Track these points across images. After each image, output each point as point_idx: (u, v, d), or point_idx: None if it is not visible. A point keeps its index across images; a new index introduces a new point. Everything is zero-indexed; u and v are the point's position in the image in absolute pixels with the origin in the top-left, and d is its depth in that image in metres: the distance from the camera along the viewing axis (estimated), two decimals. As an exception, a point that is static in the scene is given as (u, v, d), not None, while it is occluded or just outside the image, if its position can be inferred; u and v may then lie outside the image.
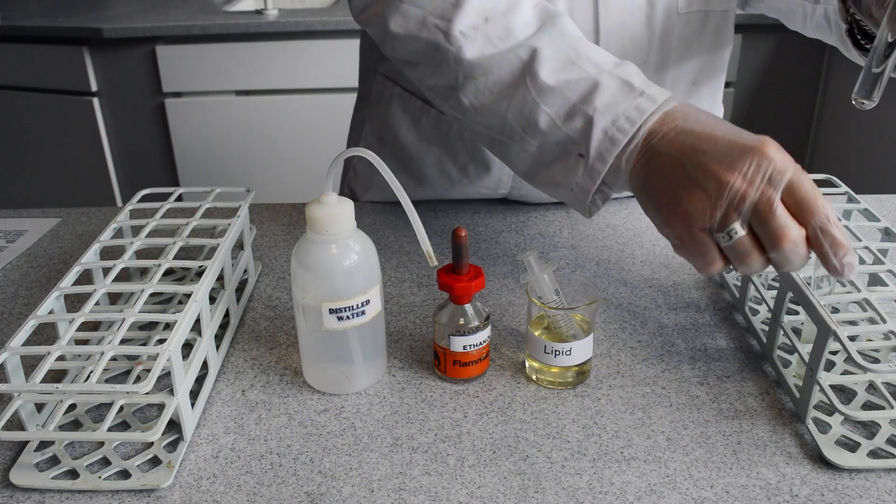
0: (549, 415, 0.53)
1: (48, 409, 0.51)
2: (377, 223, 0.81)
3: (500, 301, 0.66)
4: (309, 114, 1.98)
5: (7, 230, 0.81)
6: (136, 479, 0.47)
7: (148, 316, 0.51)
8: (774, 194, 0.46)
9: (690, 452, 0.49)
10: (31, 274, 0.73)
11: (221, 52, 1.93)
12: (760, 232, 0.47)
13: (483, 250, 0.75)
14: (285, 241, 0.78)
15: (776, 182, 0.46)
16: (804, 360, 0.51)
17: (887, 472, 0.47)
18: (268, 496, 0.46)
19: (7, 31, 1.94)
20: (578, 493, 0.46)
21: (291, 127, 2.02)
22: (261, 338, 0.62)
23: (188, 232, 0.61)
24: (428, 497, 0.46)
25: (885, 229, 0.62)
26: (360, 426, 0.52)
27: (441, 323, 0.54)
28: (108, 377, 0.56)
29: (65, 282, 0.55)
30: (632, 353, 0.59)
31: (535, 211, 0.83)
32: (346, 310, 0.52)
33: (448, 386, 0.56)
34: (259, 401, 0.55)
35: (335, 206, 0.50)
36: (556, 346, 0.53)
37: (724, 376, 0.56)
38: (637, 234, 0.77)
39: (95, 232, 0.80)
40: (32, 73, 2.00)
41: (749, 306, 0.63)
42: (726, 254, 0.49)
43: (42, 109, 2.04)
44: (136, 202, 0.66)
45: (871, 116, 1.84)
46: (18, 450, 0.50)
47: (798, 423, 0.52)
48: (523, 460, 0.49)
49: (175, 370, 0.48)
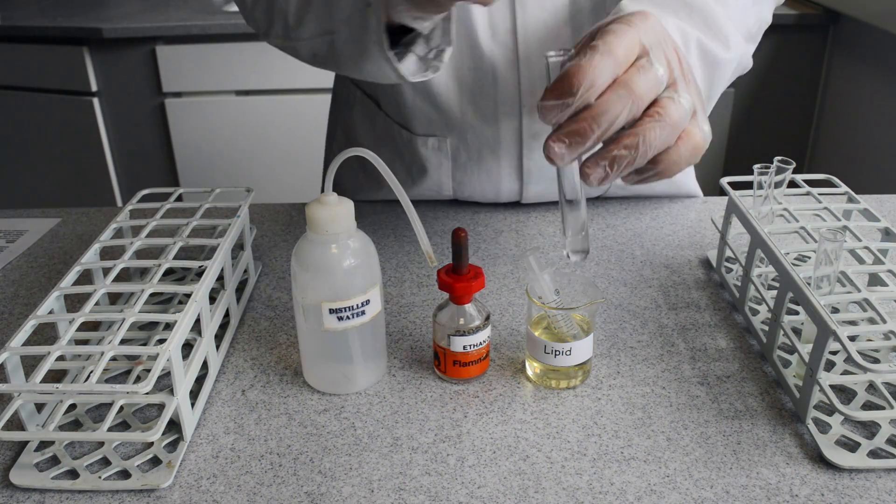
0: (549, 415, 0.53)
1: (48, 409, 0.51)
2: (377, 223, 0.81)
3: (500, 301, 0.66)
4: (309, 114, 1.98)
5: (7, 230, 0.81)
6: (136, 479, 0.47)
7: (148, 316, 0.51)
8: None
9: (690, 452, 0.49)
10: (31, 274, 0.73)
11: (221, 52, 1.93)
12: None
13: (483, 250, 0.75)
14: (285, 241, 0.78)
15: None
16: (804, 360, 0.51)
17: (887, 472, 0.47)
18: (268, 496, 0.46)
19: (7, 31, 1.94)
20: (578, 493, 0.46)
21: (291, 127, 2.02)
22: (261, 338, 0.62)
23: (188, 232, 0.61)
24: (428, 497, 0.46)
25: (885, 229, 0.62)
26: (360, 426, 0.52)
27: (441, 323, 0.54)
28: (108, 377, 0.56)
29: (65, 282, 0.55)
30: (632, 353, 0.59)
31: (535, 211, 0.83)
32: (346, 310, 0.52)
33: (448, 386, 0.56)
34: (259, 401, 0.55)
35: (335, 206, 0.50)
36: (556, 346, 0.53)
37: (724, 376, 0.56)
38: (637, 234, 0.77)
39: (95, 232, 0.80)
40: (32, 73, 2.00)
41: (749, 306, 0.63)
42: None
43: (42, 109, 2.04)
44: (136, 202, 0.66)
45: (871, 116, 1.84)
46: (18, 450, 0.50)
47: (798, 423, 0.52)
48: (523, 460, 0.49)
49: (175, 370, 0.48)
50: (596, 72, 0.43)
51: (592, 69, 0.43)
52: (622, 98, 0.44)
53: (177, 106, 2.00)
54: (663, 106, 0.45)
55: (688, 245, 0.75)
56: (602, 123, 0.44)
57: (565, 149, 0.44)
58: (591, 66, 0.43)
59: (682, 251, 0.74)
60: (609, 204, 0.84)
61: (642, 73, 0.45)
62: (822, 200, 0.65)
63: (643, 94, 0.44)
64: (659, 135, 0.44)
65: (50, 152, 2.11)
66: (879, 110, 1.80)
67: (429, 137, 0.79)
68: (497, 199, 0.82)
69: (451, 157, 0.79)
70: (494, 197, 0.82)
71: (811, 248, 0.58)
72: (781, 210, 0.63)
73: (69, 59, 1.94)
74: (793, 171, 0.60)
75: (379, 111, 0.82)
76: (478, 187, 0.81)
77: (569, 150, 0.44)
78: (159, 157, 2.08)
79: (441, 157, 0.79)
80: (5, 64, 2.01)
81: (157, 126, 2.04)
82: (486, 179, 0.80)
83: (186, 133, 2.03)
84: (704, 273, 0.70)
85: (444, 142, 0.78)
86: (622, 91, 0.44)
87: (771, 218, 0.61)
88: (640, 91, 0.44)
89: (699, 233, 0.78)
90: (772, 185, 0.60)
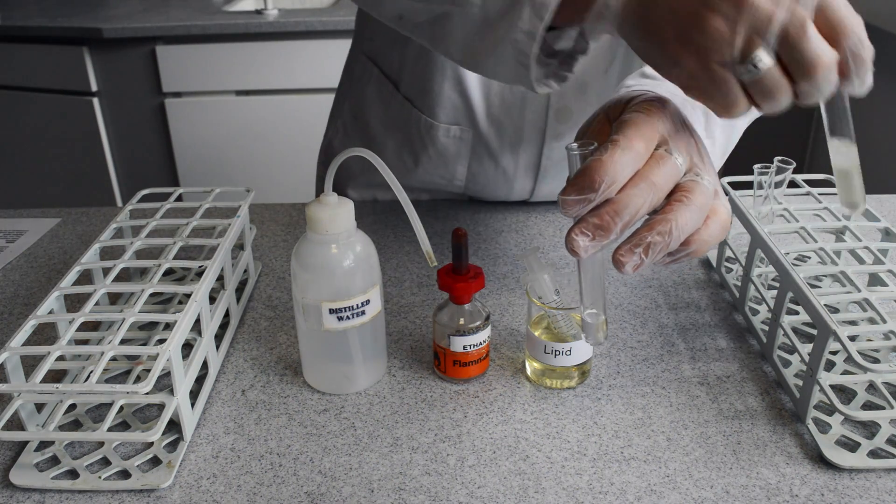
0: (549, 415, 0.53)
1: (48, 409, 0.51)
2: (377, 223, 0.81)
3: (500, 301, 0.66)
4: (309, 114, 1.98)
5: (7, 230, 0.81)
6: (136, 479, 0.47)
7: (148, 316, 0.51)
8: (806, 13, 0.39)
9: (690, 452, 0.49)
10: (31, 274, 0.73)
11: (221, 52, 1.93)
12: (789, 59, 0.40)
13: (483, 250, 0.75)
14: (285, 241, 0.78)
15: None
16: (804, 360, 0.51)
17: (887, 472, 0.47)
18: (268, 496, 0.46)
19: (7, 31, 1.94)
20: (578, 493, 0.46)
21: (291, 127, 2.02)
22: (261, 338, 0.62)
23: (188, 232, 0.61)
24: (428, 497, 0.46)
25: (885, 229, 0.62)
26: (360, 426, 0.52)
27: (441, 323, 0.54)
28: (108, 377, 0.56)
29: (65, 282, 0.55)
30: (632, 353, 0.59)
31: (535, 211, 0.83)
32: (346, 310, 0.52)
33: (448, 386, 0.56)
34: (259, 401, 0.55)
35: (335, 206, 0.50)
36: (556, 346, 0.53)
37: (724, 376, 0.56)
38: (637, 234, 0.77)
39: (95, 232, 0.80)
40: (32, 73, 2.00)
41: (749, 306, 0.63)
42: (750, 90, 0.42)
43: (42, 109, 2.04)
44: (136, 202, 0.66)
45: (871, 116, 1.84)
46: (18, 450, 0.50)
47: (798, 423, 0.52)
48: (523, 460, 0.49)
49: (175, 370, 0.48)
50: (617, 167, 0.43)
51: (614, 165, 0.43)
52: (643, 192, 0.44)
53: (177, 106, 2.00)
54: (689, 189, 0.45)
55: (688, 245, 0.75)
56: (624, 217, 0.44)
57: (589, 242, 0.45)
58: (613, 163, 0.43)
59: (682, 251, 0.74)
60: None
61: (662, 164, 0.45)
62: (822, 200, 0.65)
63: (663, 185, 0.45)
64: (689, 217, 0.44)
65: (50, 152, 2.11)
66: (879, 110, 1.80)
67: (451, 126, 0.78)
68: (508, 196, 0.82)
69: (471, 148, 0.79)
70: (505, 194, 0.82)
71: (811, 248, 0.58)
72: (781, 210, 0.63)
73: (69, 59, 1.94)
74: (793, 171, 0.60)
75: (396, 93, 0.80)
76: (491, 181, 0.81)
77: (592, 244, 0.45)
78: (159, 157, 2.08)
79: (461, 146, 0.79)
80: (5, 64, 2.01)
81: (157, 126, 2.04)
82: (501, 174, 0.80)
83: (186, 133, 2.03)
84: (704, 273, 0.70)
85: (466, 132, 0.78)
86: (643, 184, 0.44)
87: (771, 218, 0.61)
88: (660, 183, 0.44)
89: (699, 233, 0.77)
90: (772, 185, 0.60)
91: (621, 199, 0.44)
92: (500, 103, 0.75)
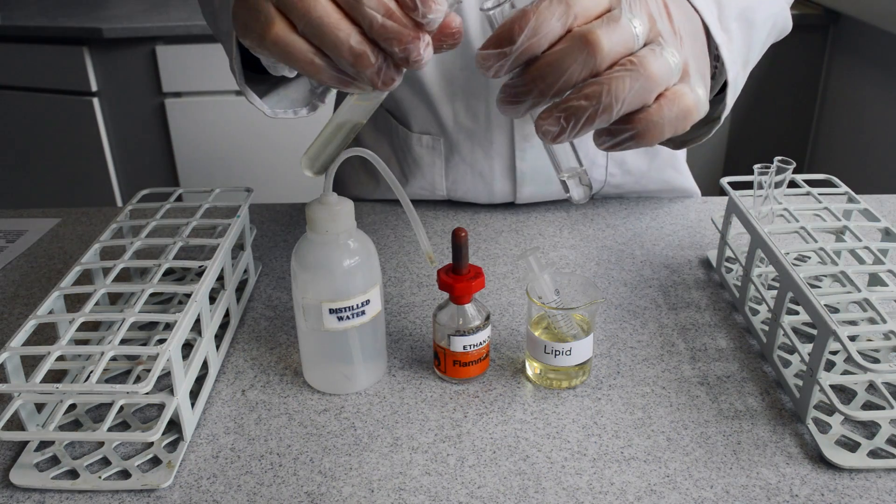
0: (549, 415, 0.53)
1: (48, 409, 0.51)
2: (377, 223, 0.81)
3: (500, 301, 0.66)
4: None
5: (7, 230, 0.81)
6: (136, 479, 0.47)
7: (148, 316, 0.51)
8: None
9: (690, 452, 0.49)
10: (31, 274, 0.73)
11: (221, 52, 1.92)
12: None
13: (483, 250, 0.75)
14: (285, 241, 0.78)
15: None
16: (804, 360, 0.51)
17: (887, 472, 0.47)
18: (268, 496, 0.46)
19: (7, 31, 1.94)
20: (578, 493, 0.46)
21: (291, 127, 2.02)
22: (261, 338, 0.62)
23: (188, 232, 0.61)
24: (428, 497, 0.46)
25: (885, 229, 0.62)
26: (360, 426, 0.52)
27: (441, 323, 0.54)
28: (108, 377, 0.56)
29: (65, 282, 0.55)
30: (632, 353, 0.59)
31: (535, 211, 0.83)
32: (346, 310, 0.52)
33: (448, 386, 0.56)
34: (259, 401, 0.55)
35: (335, 206, 0.50)
36: (556, 346, 0.53)
37: (724, 376, 0.56)
38: (637, 234, 0.77)
39: (95, 232, 0.80)
40: (32, 73, 2.00)
41: (749, 306, 0.63)
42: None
43: (42, 109, 2.04)
44: (136, 202, 0.66)
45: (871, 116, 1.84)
46: (18, 450, 0.50)
47: (798, 423, 0.52)
48: (523, 460, 0.49)
49: (175, 370, 0.48)
50: (540, 18, 0.37)
51: (538, 15, 0.37)
52: (574, 51, 0.37)
53: (177, 106, 2.00)
54: (639, 56, 0.38)
55: (688, 245, 0.75)
56: (548, 77, 0.38)
57: (508, 106, 0.40)
58: (537, 13, 0.37)
59: (682, 251, 0.74)
60: (609, 204, 0.84)
61: (607, 23, 0.38)
62: (822, 200, 0.65)
63: (606, 47, 0.37)
64: (630, 86, 0.38)
65: (50, 152, 2.11)
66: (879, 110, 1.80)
67: (423, 135, 0.79)
68: (491, 199, 0.82)
69: (444, 156, 0.79)
70: (488, 198, 0.82)
71: (811, 248, 0.58)
72: (781, 210, 0.63)
73: (69, 59, 1.94)
74: (793, 171, 0.60)
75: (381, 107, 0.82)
76: (471, 188, 0.81)
77: (513, 108, 0.40)
78: (159, 157, 2.08)
79: (434, 156, 0.79)
80: (5, 64, 2.01)
81: (157, 126, 2.04)
82: (480, 180, 0.80)
83: (186, 133, 2.03)
84: (704, 273, 0.70)
85: (437, 141, 0.78)
86: (576, 43, 0.37)
87: (771, 218, 0.61)
88: (602, 43, 0.37)
89: (699, 233, 0.78)
90: (772, 185, 0.60)
91: (546, 56, 0.38)
92: (465, 110, 0.75)
